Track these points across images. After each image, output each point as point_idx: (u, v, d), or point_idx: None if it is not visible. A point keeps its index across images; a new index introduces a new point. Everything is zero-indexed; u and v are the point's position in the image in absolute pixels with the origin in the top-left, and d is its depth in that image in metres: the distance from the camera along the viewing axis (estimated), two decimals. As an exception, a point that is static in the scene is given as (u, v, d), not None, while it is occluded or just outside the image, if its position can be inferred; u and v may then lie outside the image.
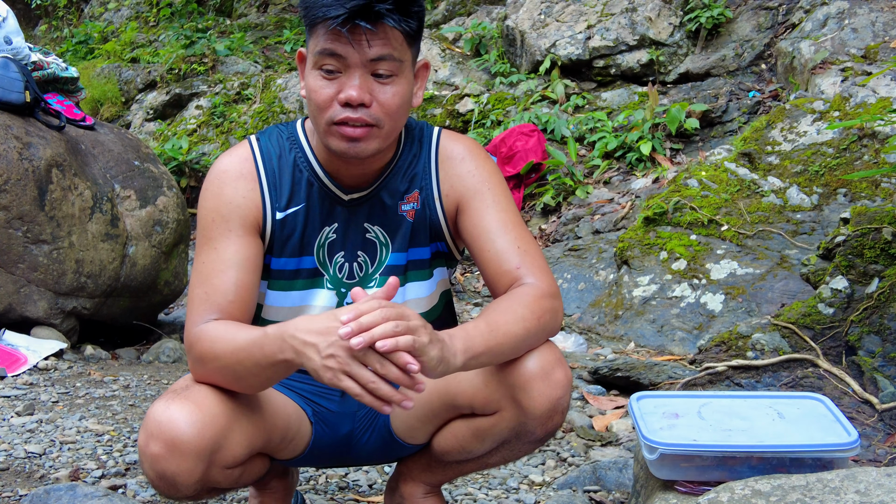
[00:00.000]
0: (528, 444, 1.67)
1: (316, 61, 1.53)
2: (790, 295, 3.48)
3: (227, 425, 1.52)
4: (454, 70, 6.56)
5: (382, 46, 1.51)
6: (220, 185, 1.64)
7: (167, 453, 1.46)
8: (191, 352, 1.55)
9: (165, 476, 1.47)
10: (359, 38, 1.49)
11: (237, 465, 1.58)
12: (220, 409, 1.51)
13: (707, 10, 5.78)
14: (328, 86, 1.53)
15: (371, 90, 1.52)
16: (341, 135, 1.54)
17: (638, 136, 5.34)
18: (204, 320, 1.55)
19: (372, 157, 1.61)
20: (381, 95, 1.53)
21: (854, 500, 1.30)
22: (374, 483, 2.35)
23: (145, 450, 1.48)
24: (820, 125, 4.19)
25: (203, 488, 1.54)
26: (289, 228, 1.66)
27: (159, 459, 1.46)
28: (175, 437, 1.45)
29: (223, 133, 6.93)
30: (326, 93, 1.53)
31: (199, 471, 1.49)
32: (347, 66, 1.51)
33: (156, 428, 1.46)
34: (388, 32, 1.50)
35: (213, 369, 1.53)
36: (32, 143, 3.47)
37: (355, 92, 1.50)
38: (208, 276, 1.59)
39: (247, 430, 1.57)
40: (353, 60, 1.51)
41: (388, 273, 1.70)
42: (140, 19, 9.25)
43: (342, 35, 1.48)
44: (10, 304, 3.41)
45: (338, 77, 1.52)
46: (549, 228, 5.18)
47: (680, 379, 2.93)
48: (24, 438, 2.52)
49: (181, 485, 1.49)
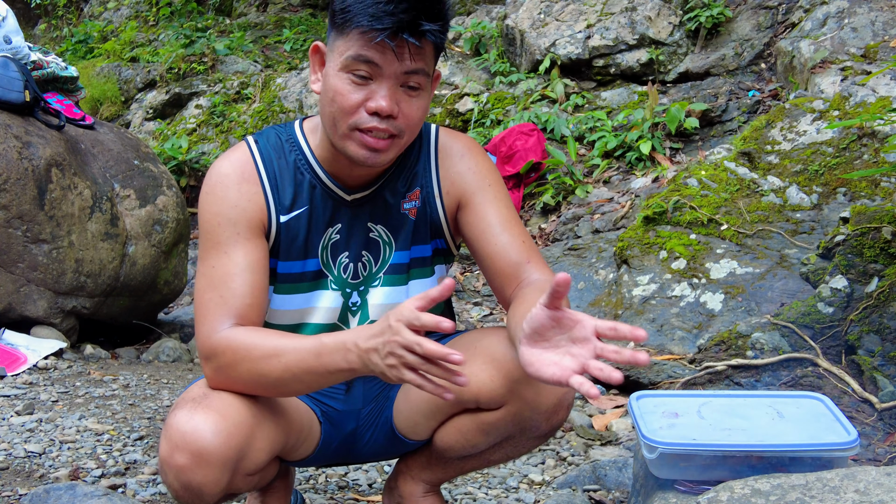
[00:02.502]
0: (533, 439, 1.67)
1: (347, 65, 1.50)
2: (790, 294, 3.47)
3: (251, 433, 1.51)
4: (454, 69, 6.56)
5: (419, 61, 1.50)
6: (223, 188, 1.62)
7: (193, 464, 1.44)
8: (214, 359, 1.52)
9: (191, 487, 1.46)
10: (402, 51, 1.48)
11: (259, 471, 1.58)
12: (243, 417, 1.50)
13: (707, 9, 5.78)
14: (357, 91, 1.51)
15: (399, 102, 1.52)
16: (363, 142, 1.53)
17: (637, 135, 5.34)
18: (223, 326, 1.53)
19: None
20: (407, 108, 1.53)
21: (853, 500, 1.30)
22: (374, 482, 2.35)
23: (170, 461, 1.46)
24: (819, 124, 4.19)
25: (225, 496, 1.55)
26: (293, 231, 1.65)
27: (185, 471, 1.45)
28: (202, 447, 1.44)
29: (223, 132, 6.93)
30: (354, 98, 1.51)
31: (224, 480, 1.48)
32: (381, 75, 1.50)
33: (180, 439, 1.44)
34: (426, 47, 1.51)
35: (241, 377, 1.50)
36: (32, 143, 3.46)
37: (386, 103, 1.49)
38: (221, 280, 1.56)
39: (268, 436, 1.56)
40: (389, 72, 1.50)
41: (392, 272, 1.70)
42: (140, 18, 9.24)
43: (384, 45, 1.46)
44: (9, 303, 3.41)
45: (368, 84, 1.51)
46: (548, 228, 5.18)
47: (679, 378, 2.93)
48: (24, 438, 2.52)
49: (207, 494, 1.48)
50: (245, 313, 1.55)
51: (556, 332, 1.31)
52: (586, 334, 1.28)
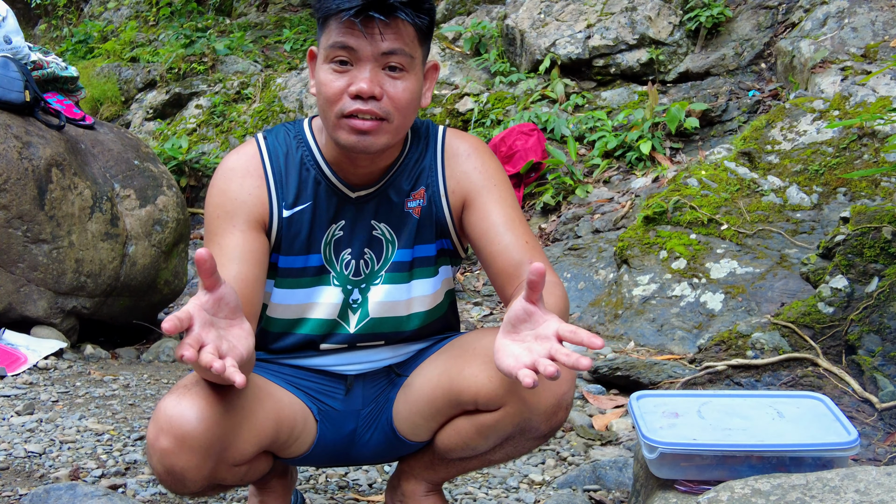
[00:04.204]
0: (532, 440, 1.67)
1: (328, 55, 1.54)
2: (790, 294, 3.47)
3: (237, 422, 1.52)
4: (454, 69, 6.56)
5: (395, 40, 1.52)
6: (226, 181, 1.65)
7: (177, 448, 1.45)
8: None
9: (174, 471, 1.47)
10: (372, 30, 1.50)
11: (245, 462, 1.58)
12: (231, 406, 1.51)
13: (707, 9, 5.78)
14: (338, 78, 1.54)
15: (382, 84, 1.53)
16: (350, 127, 1.55)
17: (638, 135, 5.34)
18: None
19: (380, 154, 1.62)
20: (392, 89, 1.54)
21: (854, 499, 1.30)
22: (374, 482, 2.35)
23: (154, 444, 1.47)
24: (820, 124, 4.19)
25: (209, 485, 1.55)
26: (296, 226, 1.66)
27: (168, 454, 1.46)
28: (185, 432, 1.45)
29: (223, 132, 6.93)
30: (337, 85, 1.54)
31: (207, 467, 1.49)
32: (359, 58, 1.52)
33: (166, 423, 1.46)
34: (401, 26, 1.52)
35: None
36: (32, 143, 3.46)
37: (366, 84, 1.51)
38: None
39: (255, 428, 1.57)
40: (365, 53, 1.51)
41: (394, 270, 1.70)
42: (140, 18, 9.24)
43: (355, 27, 1.49)
44: (9, 303, 3.41)
45: (349, 70, 1.53)
46: (548, 227, 5.18)
47: (680, 378, 2.93)
48: (24, 438, 2.52)
49: (189, 480, 1.49)
50: None
51: (527, 326, 1.34)
52: (548, 333, 1.31)
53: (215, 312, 1.32)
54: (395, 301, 1.71)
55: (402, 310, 1.72)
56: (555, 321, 1.31)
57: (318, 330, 1.71)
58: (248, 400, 1.56)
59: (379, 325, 1.72)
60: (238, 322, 1.36)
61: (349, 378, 1.77)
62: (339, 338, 1.72)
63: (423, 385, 1.72)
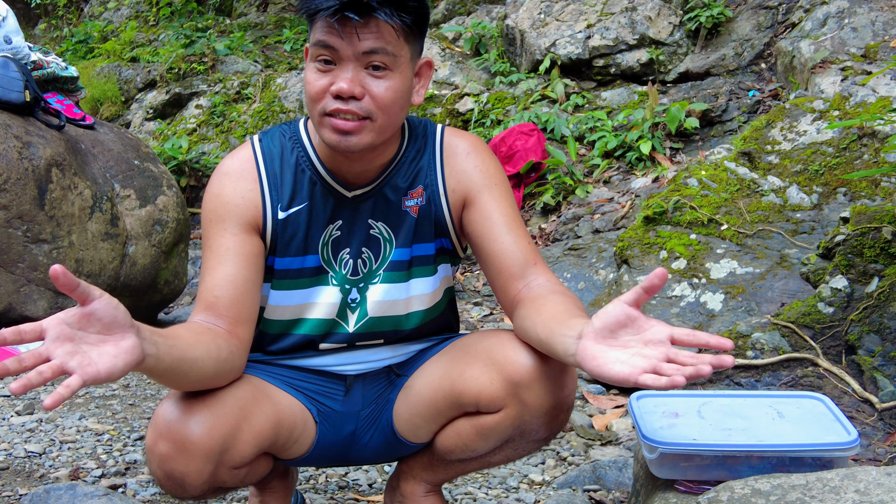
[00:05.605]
0: (533, 442, 1.67)
1: (312, 53, 1.54)
2: (790, 294, 3.47)
3: (237, 425, 1.52)
4: (454, 69, 6.56)
5: (375, 40, 1.50)
6: (220, 186, 1.65)
7: (176, 453, 1.45)
8: None
9: (174, 476, 1.47)
10: (349, 30, 1.49)
11: (245, 465, 1.58)
12: (230, 409, 1.51)
13: (707, 9, 5.78)
14: (322, 77, 1.53)
15: (363, 83, 1.52)
16: (333, 127, 1.54)
17: (638, 135, 5.34)
18: (194, 318, 1.56)
19: (369, 152, 1.61)
20: (375, 89, 1.53)
21: (854, 500, 1.30)
22: (374, 482, 2.35)
23: (154, 449, 1.47)
24: (820, 124, 4.19)
25: (210, 488, 1.54)
26: (292, 228, 1.66)
27: (168, 459, 1.46)
28: (184, 436, 1.45)
29: (223, 132, 6.93)
30: (320, 84, 1.53)
31: (207, 471, 1.48)
32: (340, 58, 1.52)
33: (165, 427, 1.46)
34: (380, 26, 1.50)
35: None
36: (32, 143, 3.46)
37: (346, 84, 1.51)
38: (202, 276, 1.60)
39: (255, 431, 1.56)
40: (346, 53, 1.51)
41: (392, 269, 1.70)
42: (140, 18, 9.24)
43: (336, 27, 1.49)
44: (9, 303, 3.41)
45: (332, 69, 1.53)
46: (548, 228, 5.18)
47: (680, 378, 2.93)
48: (24, 438, 2.52)
49: (189, 485, 1.49)
50: (213, 304, 1.57)
51: (628, 332, 1.30)
52: (661, 338, 1.27)
53: (82, 327, 1.24)
54: (393, 300, 1.70)
55: (401, 309, 1.72)
56: (664, 325, 1.28)
57: (316, 330, 1.71)
58: (247, 402, 1.56)
59: (378, 324, 1.72)
60: (115, 339, 1.26)
61: (349, 378, 1.77)
62: (338, 337, 1.72)
63: (424, 387, 1.72)
